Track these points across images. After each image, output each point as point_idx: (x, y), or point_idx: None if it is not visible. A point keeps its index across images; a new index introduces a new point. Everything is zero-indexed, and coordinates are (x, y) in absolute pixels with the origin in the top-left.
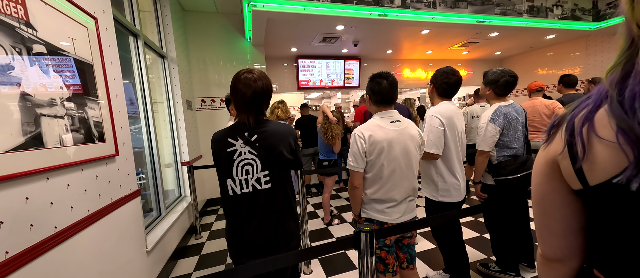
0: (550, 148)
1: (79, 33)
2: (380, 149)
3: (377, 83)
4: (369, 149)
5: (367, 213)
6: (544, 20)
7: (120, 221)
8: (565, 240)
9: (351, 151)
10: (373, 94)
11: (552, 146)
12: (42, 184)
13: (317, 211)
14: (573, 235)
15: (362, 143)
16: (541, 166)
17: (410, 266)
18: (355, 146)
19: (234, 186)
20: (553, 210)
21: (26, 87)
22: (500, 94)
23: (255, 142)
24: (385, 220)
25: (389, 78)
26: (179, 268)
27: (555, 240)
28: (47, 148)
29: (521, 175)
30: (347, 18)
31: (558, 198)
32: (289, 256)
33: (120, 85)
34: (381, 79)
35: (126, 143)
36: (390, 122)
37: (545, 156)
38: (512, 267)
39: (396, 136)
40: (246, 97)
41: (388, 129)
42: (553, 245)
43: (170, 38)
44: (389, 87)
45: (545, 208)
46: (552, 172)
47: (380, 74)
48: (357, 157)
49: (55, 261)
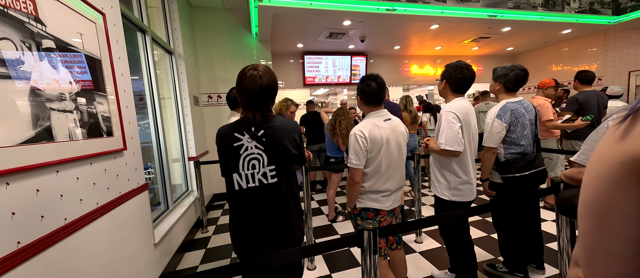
0: (630, 142)
1: (88, 29)
2: (380, 146)
3: (366, 85)
4: (370, 146)
5: (363, 202)
6: (560, 14)
7: (128, 214)
8: (630, 265)
9: (353, 149)
10: (363, 95)
11: (633, 139)
12: (52, 177)
13: (321, 208)
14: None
15: (364, 141)
16: (611, 168)
17: (399, 246)
18: (357, 144)
19: (240, 181)
20: (623, 226)
21: (36, 81)
22: (511, 89)
23: (262, 137)
24: (380, 207)
25: (377, 80)
26: (185, 261)
27: (616, 266)
28: (57, 142)
29: (529, 172)
30: (354, 13)
31: (635, 210)
32: (291, 252)
33: (128, 80)
34: (370, 81)
35: (134, 138)
36: (384, 120)
37: (622, 153)
38: (520, 268)
39: (390, 133)
40: (253, 93)
41: (383, 127)
42: (611, 271)
43: (177, 34)
44: (378, 88)
45: (608, 224)
46: (631, 176)
47: (369, 77)
48: (359, 155)
49: (65, 251)
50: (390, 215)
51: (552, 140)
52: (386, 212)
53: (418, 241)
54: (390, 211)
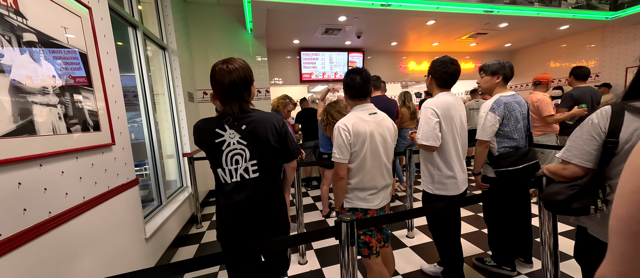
0: None
1: (72, 23)
2: (363, 139)
3: (351, 79)
4: (353, 140)
5: (351, 202)
6: (557, 10)
7: (117, 208)
8: None
9: (336, 143)
10: (348, 89)
11: None
12: (35, 170)
13: (316, 204)
14: None
15: (347, 134)
16: None
17: (387, 244)
18: (340, 138)
19: (225, 176)
20: None
21: (17, 75)
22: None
23: (244, 131)
24: (368, 207)
25: (362, 74)
26: (179, 256)
27: None
28: (40, 136)
29: (522, 166)
30: (349, 8)
31: None
32: (271, 244)
33: (116, 75)
34: (355, 75)
35: (123, 133)
36: (369, 114)
37: None
38: (508, 262)
39: (375, 127)
40: (224, 87)
41: (368, 121)
42: None
43: (170, 29)
44: (362, 83)
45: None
46: None
47: (354, 71)
48: (342, 148)
49: (50, 244)
50: (380, 213)
51: (553, 135)
52: (375, 211)
53: (409, 236)
54: (379, 209)
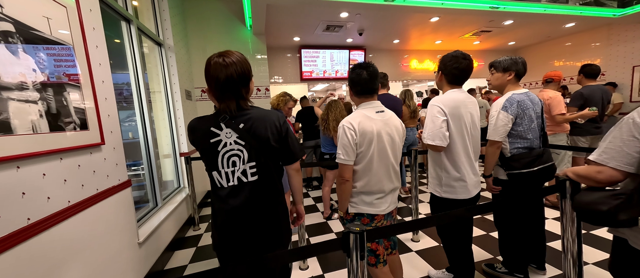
0: None
1: (57, 13)
2: (370, 139)
3: (357, 74)
4: (359, 140)
5: (356, 207)
6: (564, 6)
7: (107, 212)
8: None
9: (341, 144)
10: (354, 86)
11: None
12: (11, 173)
13: (317, 205)
14: None
15: (353, 134)
16: None
17: (394, 251)
18: (345, 137)
19: (221, 179)
20: None
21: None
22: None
23: (242, 130)
24: (375, 212)
25: (369, 69)
26: (174, 260)
27: None
28: (17, 135)
29: (537, 168)
30: (351, 4)
31: None
32: (273, 258)
33: (107, 71)
34: (361, 70)
35: (114, 132)
36: (376, 112)
37: None
38: (520, 269)
39: (383, 126)
40: (219, 83)
41: (375, 120)
42: None
43: (167, 25)
44: (369, 78)
45: None
46: None
47: (360, 65)
48: (347, 149)
49: (30, 253)
50: (388, 218)
51: (563, 135)
52: (382, 216)
53: (415, 240)
54: (387, 214)
